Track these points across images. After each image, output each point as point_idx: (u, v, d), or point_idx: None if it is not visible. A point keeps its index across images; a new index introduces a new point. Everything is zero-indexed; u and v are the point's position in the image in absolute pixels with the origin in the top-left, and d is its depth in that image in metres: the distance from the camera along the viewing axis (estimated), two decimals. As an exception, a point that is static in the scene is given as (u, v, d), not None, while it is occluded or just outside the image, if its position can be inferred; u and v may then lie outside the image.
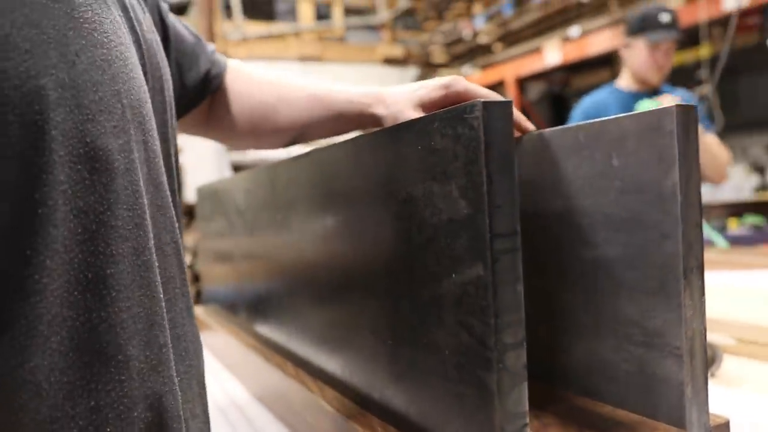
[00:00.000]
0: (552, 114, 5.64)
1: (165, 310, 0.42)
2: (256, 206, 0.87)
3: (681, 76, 2.96)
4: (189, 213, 4.15)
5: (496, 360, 0.39)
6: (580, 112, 2.32)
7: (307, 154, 0.67)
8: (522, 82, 5.21)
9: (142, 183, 0.41)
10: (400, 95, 0.67)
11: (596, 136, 0.53)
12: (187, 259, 3.42)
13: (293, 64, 5.99)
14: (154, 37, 0.53)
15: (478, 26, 5.02)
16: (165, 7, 0.70)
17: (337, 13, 6.33)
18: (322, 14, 6.42)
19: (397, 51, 6.32)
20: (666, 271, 0.48)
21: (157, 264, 0.42)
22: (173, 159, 0.55)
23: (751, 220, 3.29)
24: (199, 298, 1.49)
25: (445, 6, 5.64)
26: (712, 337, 0.85)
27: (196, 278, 1.94)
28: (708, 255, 1.66)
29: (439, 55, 5.62)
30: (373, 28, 6.54)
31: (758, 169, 4.48)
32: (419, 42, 5.96)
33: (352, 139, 0.56)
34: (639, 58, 2.14)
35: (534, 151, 0.59)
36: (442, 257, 0.43)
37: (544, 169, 0.58)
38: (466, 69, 5.33)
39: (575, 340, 0.56)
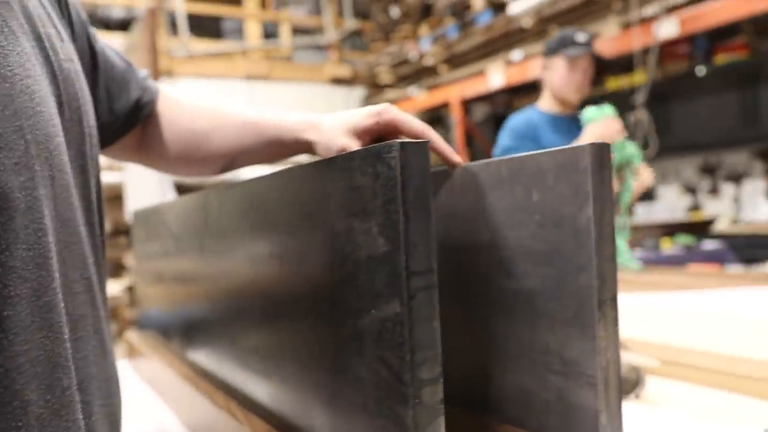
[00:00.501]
0: (496, 134, 5.75)
1: (71, 351, 0.41)
2: (189, 232, 0.86)
3: (616, 102, 3.08)
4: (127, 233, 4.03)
5: (413, 395, 0.39)
6: (510, 131, 2.26)
7: (238, 184, 0.67)
8: (467, 104, 5.31)
9: (47, 220, 0.40)
10: (332, 122, 0.68)
11: (517, 171, 0.54)
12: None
13: (240, 82, 5.95)
14: (72, 66, 0.52)
15: (424, 48, 5.10)
16: (93, 32, 0.69)
17: (284, 32, 6.33)
18: (270, 33, 6.41)
19: (344, 71, 6.35)
20: (581, 302, 0.49)
21: (63, 304, 0.41)
22: (93, 191, 0.54)
23: (683, 239, 3.42)
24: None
25: (392, 28, 5.72)
26: (637, 359, 0.88)
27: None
28: (635, 277, 1.72)
29: (385, 76, 5.68)
30: (321, 48, 6.57)
31: (690, 190, 4.67)
32: (366, 62, 6.02)
33: (280, 172, 0.56)
34: (557, 76, 2.17)
35: (462, 184, 0.61)
36: (362, 293, 0.44)
37: (471, 202, 0.60)
38: (412, 90, 5.40)
39: (501, 369, 0.57)
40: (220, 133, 0.74)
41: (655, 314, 1.19)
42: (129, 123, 0.73)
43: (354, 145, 0.65)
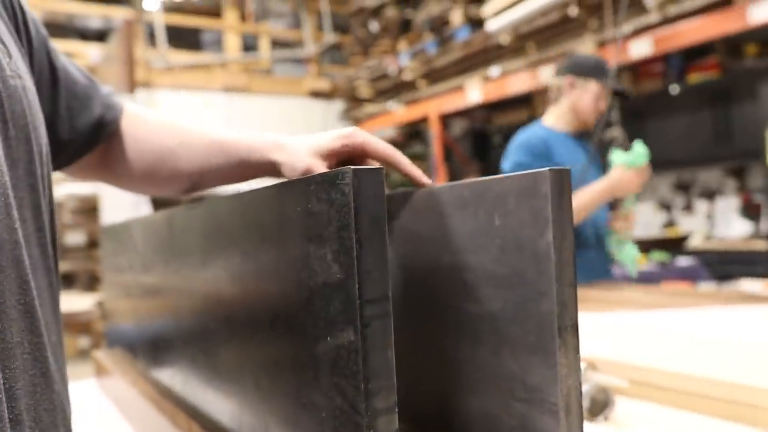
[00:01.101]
0: (474, 149, 5.79)
1: (2, 382, 0.39)
2: (155, 250, 0.85)
3: (592, 118, 3.11)
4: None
5: (367, 426, 0.38)
6: (524, 148, 2.13)
7: (200, 204, 0.65)
8: (446, 119, 5.35)
9: None
10: (299, 143, 0.67)
11: (480, 195, 0.54)
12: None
13: (219, 94, 5.93)
14: (20, 83, 0.51)
15: (403, 63, 5.13)
16: (53, 48, 0.67)
17: (264, 45, 6.33)
18: (249, 46, 6.40)
19: (323, 84, 6.36)
20: (542, 328, 0.49)
21: None
22: (46, 210, 0.53)
23: (658, 256, 3.46)
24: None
25: (371, 42, 5.74)
26: (606, 379, 0.88)
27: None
28: (606, 294, 1.73)
29: (364, 90, 5.69)
30: (300, 62, 6.58)
31: (665, 206, 4.73)
32: (345, 76, 6.03)
33: (240, 193, 0.55)
34: (585, 99, 2.13)
35: (425, 206, 0.60)
36: (318, 319, 0.43)
37: (435, 224, 0.59)
38: (391, 104, 5.42)
39: (466, 394, 0.57)
40: (185, 152, 0.72)
41: (626, 333, 1.20)
42: (91, 141, 0.71)
43: (319, 167, 0.64)
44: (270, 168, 0.70)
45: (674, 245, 3.92)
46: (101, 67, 3.81)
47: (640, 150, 1.96)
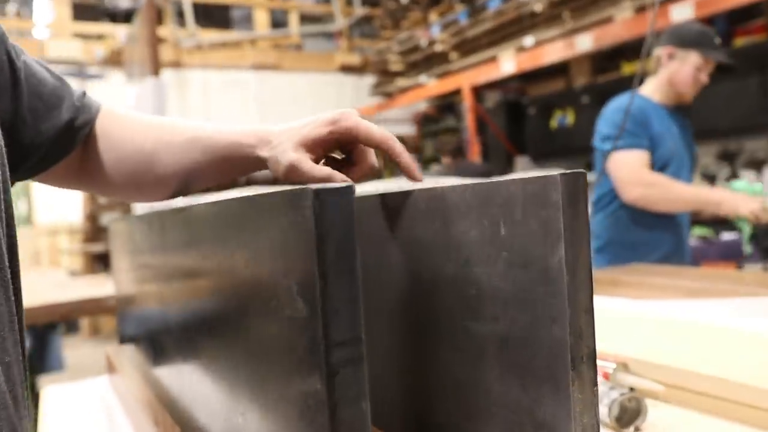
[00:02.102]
0: (508, 122, 5.64)
1: None
2: (151, 249, 0.80)
3: (631, 88, 2.97)
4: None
5: (337, 491, 0.33)
6: (624, 112, 1.84)
7: (181, 209, 0.60)
8: (478, 91, 5.21)
9: None
10: (283, 135, 0.61)
11: (485, 199, 0.47)
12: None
13: (248, 72, 5.88)
14: None
15: (435, 34, 5.00)
16: (14, 46, 0.62)
17: (293, 20, 6.25)
18: (278, 22, 6.33)
19: (354, 59, 6.26)
20: (554, 358, 0.42)
21: None
22: (3, 216, 0.48)
23: (701, 231, 3.31)
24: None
25: (402, 14, 5.61)
26: (638, 382, 0.80)
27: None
28: (642, 278, 1.63)
29: (395, 63, 5.58)
30: (330, 36, 6.48)
31: (709, 177, 4.54)
32: (376, 50, 5.91)
33: (214, 203, 0.49)
34: (686, 71, 2.01)
35: (427, 208, 0.54)
36: (284, 359, 0.37)
37: (437, 230, 0.52)
38: (423, 77, 5.30)
39: (468, 422, 0.50)
40: (166, 151, 0.67)
41: (663, 327, 1.11)
42: (62, 146, 0.66)
43: (304, 162, 0.58)
44: (255, 164, 0.65)
45: (718, 219, 3.75)
46: (127, 48, 3.78)
47: (760, 189, 1.98)
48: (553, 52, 3.96)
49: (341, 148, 0.62)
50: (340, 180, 0.58)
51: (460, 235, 0.50)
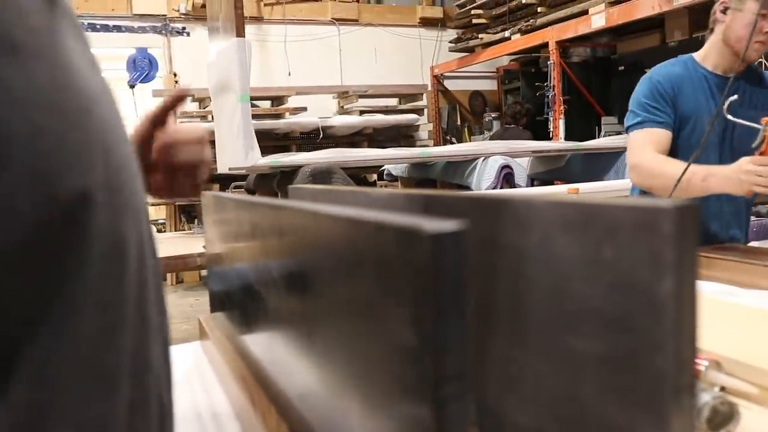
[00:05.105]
0: (595, 80, 5.42)
1: None
2: (248, 236, 0.84)
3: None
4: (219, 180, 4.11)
5: None
6: (649, 87, 1.72)
7: (284, 207, 0.62)
8: (565, 46, 5.02)
9: None
10: None
11: (588, 219, 0.47)
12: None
13: (329, 26, 5.88)
14: None
15: (521, -13, 4.83)
16: None
17: (374, -28, 6.17)
18: (361, -27, 6.26)
19: (435, 12, 6.14)
20: (655, 385, 0.42)
21: None
22: None
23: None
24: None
25: (487, -35, 5.43)
26: (732, 382, 0.79)
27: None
28: (741, 258, 1.53)
29: (478, 17, 5.43)
30: (412, -12, 6.37)
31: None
32: (459, 3, 5.77)
33: (330, 216, 0.51)
34: (735, 25, 1.62)
35: (526, 219, 0.54)
36: (393, 381, 0.39)
37: (535, 241, 0.52)
38: (507, 32, 5.15)
39: (560, 431, 0.51)
40: None
41: (761, 320, 1.06)
42: None
43: None
44: None
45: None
46: (210, 3, 3.80)
47: None
48: (648, 6, 3.76)
49: None
50: None
51: (558, 250, 0.50)
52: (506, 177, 3.42)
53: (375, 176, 4.77)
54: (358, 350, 0.45)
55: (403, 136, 5.29)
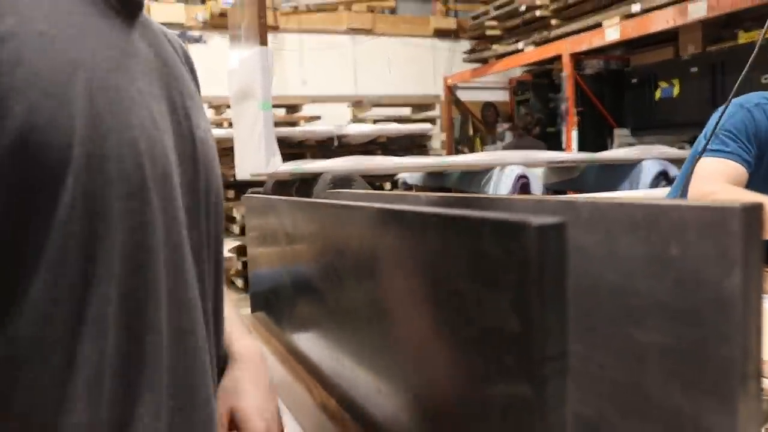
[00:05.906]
0: (608, 92, 5.45)
1: None
2: (304, 237, 0.88)
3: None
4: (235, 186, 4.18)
5: (540, 483, 0.38)
6: (742, 121, 1.61)
7: (358, 207, 0.66)
8: (578, 59, 5.06)
9: None
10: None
11: (654, 219, 0.51)
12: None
13: (344, 36, 5.95)
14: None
15: (535, -1, 4.88)
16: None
17: (389, -17, 6.24)
18: (374, -16, 6.33)
19: (449, 23, 6.20)
20: (722, 373, 0.46)
21: None
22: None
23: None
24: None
25: (501, -23, 5.49)
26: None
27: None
28: None
29: (492, 29, 5.49)
30: (426, 0, 6.43)
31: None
32: (473, 14, 5.83)
33: (401, 212, 0.55)
34: None
35: (589, 220, 0.58)
36: (488, 363, 0.43)
37: (599, 240, 0.56)
38: (521, 44, 5.20)
39: (624, 420, 0.55)
40: None
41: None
42: None
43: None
44: None
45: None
46: (231, 11, 3.88)
47: None
48: (663, 19, 3.80)
49: None
50: None
51: (623, 249, 0.54)
52: (523, 187, 3.46)
53: (389, 184, 4.81)
54: (447, 338, 0.49)
55: (416, 145, 5.34)
